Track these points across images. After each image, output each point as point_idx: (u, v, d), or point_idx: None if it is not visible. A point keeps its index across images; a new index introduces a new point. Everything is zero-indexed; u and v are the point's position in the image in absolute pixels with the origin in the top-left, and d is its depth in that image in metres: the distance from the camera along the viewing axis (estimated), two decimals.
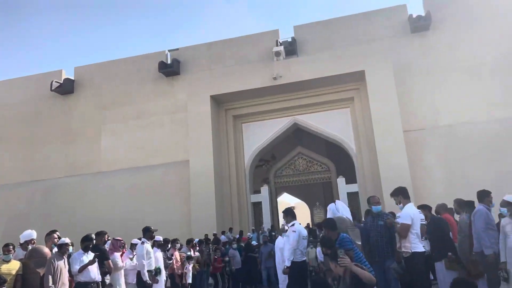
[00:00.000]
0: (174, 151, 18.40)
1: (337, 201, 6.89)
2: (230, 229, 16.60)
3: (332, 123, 17.77)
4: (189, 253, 10.78)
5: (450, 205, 8.18)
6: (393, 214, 7.21)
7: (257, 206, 19.14)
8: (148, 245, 8.07)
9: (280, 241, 7.95)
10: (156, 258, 8.66)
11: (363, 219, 8.72)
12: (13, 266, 6.40)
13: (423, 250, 6.07)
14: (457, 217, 7.45)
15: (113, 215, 17.24)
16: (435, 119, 16.16)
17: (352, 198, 17.27)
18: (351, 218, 6.63)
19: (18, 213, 18.33)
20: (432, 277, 7.53)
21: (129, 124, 19.29)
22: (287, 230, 6.69)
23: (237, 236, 15.25)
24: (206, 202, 16.53)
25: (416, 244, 5.83)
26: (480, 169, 14.66)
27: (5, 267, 6.29)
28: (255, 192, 19.27)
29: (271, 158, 22.15)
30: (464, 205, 7.14)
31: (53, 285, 6.47)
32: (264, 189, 19.22)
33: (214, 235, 15.16)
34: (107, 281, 7.43)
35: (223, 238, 14.67)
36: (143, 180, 18.15)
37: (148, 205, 17.45)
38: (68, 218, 17.55)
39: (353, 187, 17.46)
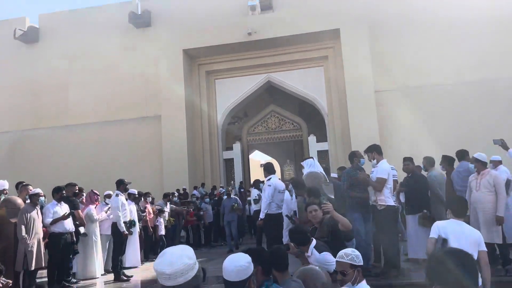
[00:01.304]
0: (145, 106, 18.06)
1: (313, 157, 7.06)
2: (202, 185, 16.80)
3: (305, 82, 17.82)
4: (165, 207, 10.94)
5: (417, 163, 8.54)
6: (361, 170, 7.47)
7: (229, 162, 19.33)
8: (122, 197, 8.09)
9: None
10: (130, 210, 8.72)
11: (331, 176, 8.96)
12: None
13: (395, 204, 6.37)
14: (425, 174, 7.79)
15: (83, 169, 16.98)
16: (406, 79, 16.44)
17: (322, 156, 17.69)
18: (324, 173, 6.84)
19: None
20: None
21: (97, 77, 18.63)
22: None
23: (209, 191, 15.45)
24: (178, 157, 16.53)
25: (389, 198, 6.11)
26: (445, 130, 15.22)
27: None
28: (227, 149, 19.38)
29: (244, 116, 22.16)
30: (443, 161, 7.50)
31: (26, 235, 6.47)
32: (236, 146, 19.35)
33: (184, 189, 15.35)
34: (82, 230, 7.48)
35: (195, 193, 14.87)
36: (113, 134, 17.84)
37: (119, 160, 17.27)
38: (36, 171, 17.17)
39: (323, 145, 17.83)
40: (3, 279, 5.38)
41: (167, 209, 11.24)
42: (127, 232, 7.77)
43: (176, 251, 1.74)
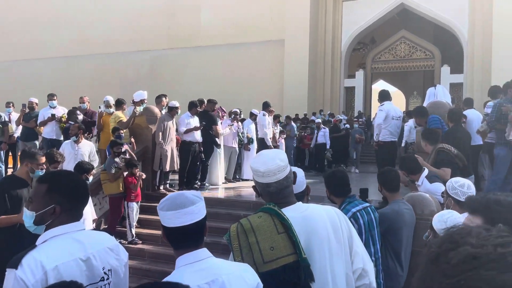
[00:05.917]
0: (269, 29, 18.16)
1: (437, 85, 6.54)
2: (321, 111, 16.84)
3: (445, 4, 15.93)
4: (280, 128, 11.39)
5: None
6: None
7: (350, 91, 18.87)
8: (268, 117, 8.76)
9: None
10: (250, 129, 9.34)
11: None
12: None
13: None
14: None
15: (211, 88, 18.12)
16: None
17: (455, 89, 16.20)
18: (451, 103, 6.33)
19: (128, 79, 20.10)
20: None
21: None
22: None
23: (327, 117, 15.49)
24: (298, 82, 16.65)
25: None
26: None
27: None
28: (349, 76, 18.83)
29: (370, 42, 20.98)
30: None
31: (162, 140, 7.39)
32: (359, 74, 18.67)
33: (305, 115, 15.62)
34: (218, 142, 8.34)
35: (314, 118, 15.06)
36: (238, 57, 18.53)
37: (243, 82, 18.04)
38: (171, 87, 18.83)
39: (458, 78, 16.23)
40: (139, 171, 6.39)
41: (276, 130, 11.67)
42: (273, 147, 8.50)
43: (271, 153, 1.92)
